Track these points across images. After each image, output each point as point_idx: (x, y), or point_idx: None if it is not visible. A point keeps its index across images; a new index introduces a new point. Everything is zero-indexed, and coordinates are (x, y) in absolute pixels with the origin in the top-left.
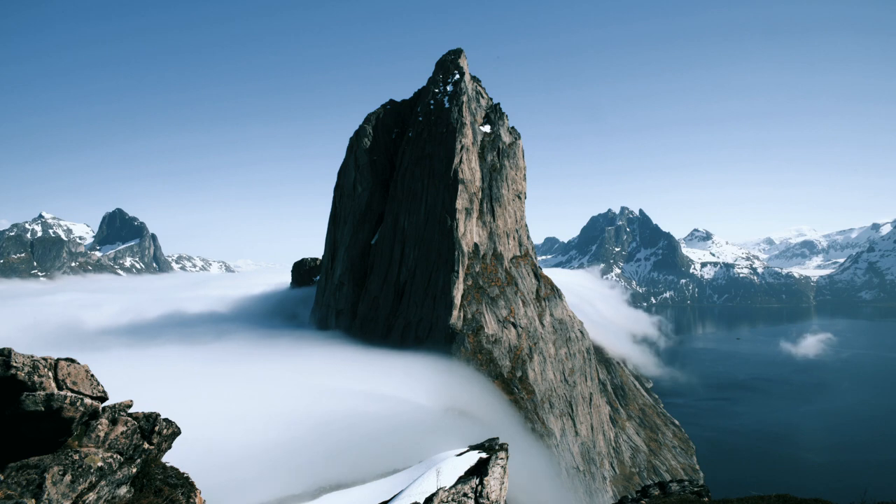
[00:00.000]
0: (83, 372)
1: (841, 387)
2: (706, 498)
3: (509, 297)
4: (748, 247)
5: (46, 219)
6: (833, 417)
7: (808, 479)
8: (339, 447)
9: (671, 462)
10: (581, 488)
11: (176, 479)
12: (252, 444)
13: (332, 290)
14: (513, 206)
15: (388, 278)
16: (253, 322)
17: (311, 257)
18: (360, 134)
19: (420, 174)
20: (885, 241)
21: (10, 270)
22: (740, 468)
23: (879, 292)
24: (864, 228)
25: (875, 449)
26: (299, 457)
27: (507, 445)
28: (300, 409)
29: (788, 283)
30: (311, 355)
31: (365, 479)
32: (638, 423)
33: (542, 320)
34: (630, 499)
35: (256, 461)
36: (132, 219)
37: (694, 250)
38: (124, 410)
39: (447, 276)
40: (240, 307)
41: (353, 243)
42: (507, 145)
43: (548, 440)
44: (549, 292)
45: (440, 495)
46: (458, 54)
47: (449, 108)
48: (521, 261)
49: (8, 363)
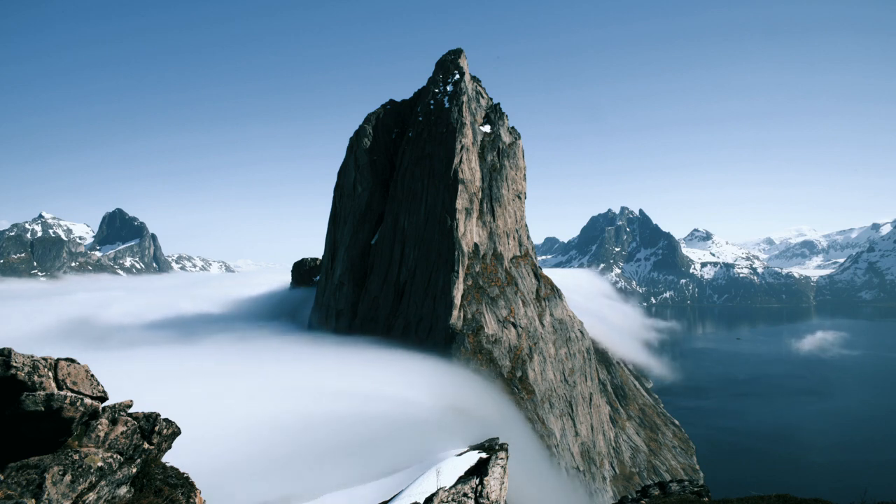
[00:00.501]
0: (83, 372)
1: (841, 387)
2: (706, 498)
3: (509, 297)
4: (748, 247)
5: (46, 219)
6: (833, 417)
7: (808, 479)
8: (340, 447)
9: (671, 462)
10: (581, 488)
11: (176, 479)
12: (252, 444)
13: (332, 290)
14: (513, 206)
15: (388, 278)
16: (253, 322)
17: (311, 257)
18: (360, 134)
19: (420, 174)
20: (885, 241)
21: (10, 270)
22: (740, 468)
23: (879, 292)
24: (864, 228)
25: (875, 449)
26: (300, 457)
27: (506, 445)
28: (300, 409)
29: (788, 283)
30: (310, 355)
31: (365, 479)
32: (638, 423)
33: (542, 320)
34: (630, 499)
35: (257, 461)
36: (132, 219)
37: (694, 250)
38: (124, 410)
39: (447, 276)
40: (240, 307)
41: (353, 243)
42: (507, 145)
43: (548, 440)
44: (549, 292)
45: (440, 495)
46: (458, 54)
47: (449, 108)
48: (521, 261)
49: (8, 363)
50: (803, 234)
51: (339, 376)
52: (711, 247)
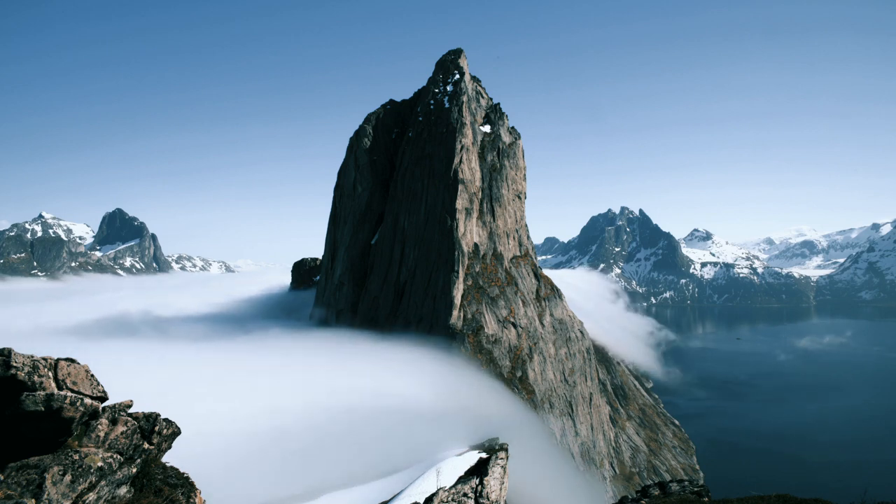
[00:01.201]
0: (83, 372)
1: (841, 387)
2: (706, 498)
3: (509, 297)
4: (748, 247)
5: (46, 219)
6: (833, 417)
7: (808, 479)
8: (340, 447)
9: (671, 462)
10: (581, 488)
11: (176, 479)
12: (252, 443)
13: (332, 290)
14: (513, 206)
15: (388, 278)
16: (252, 322)
17: (311, 257)
18: (360, 134)
19: (420, 174)
20: (885, 241)
21: (10, 270)
22: (740, 468)
23: (879, 292)
24: (864, 228)
25: (875, 449)
26: (300, 457)
27: (507, 445)
28: (301, 410)
29: (788, 283)
30: (310, 355)
31: (365, 479)
32: (638, 423)
33: (542, 320)
34: (630, 499)
35: (257, 461)
36: (132, 219)
37: (694, 250)
38: (124, 410)
39: (447, 276)
40: (240, 307)
41: (353, 243)
42: (507, 145)
43: (548, 440)
44: (549, 292)
45: (440, 495)
46: (458, 54)
47: (449, 108)
48: (521, 261)
49: (8, 363)
50: (803, 234)
51: (340, 376)
52: (711, 247)
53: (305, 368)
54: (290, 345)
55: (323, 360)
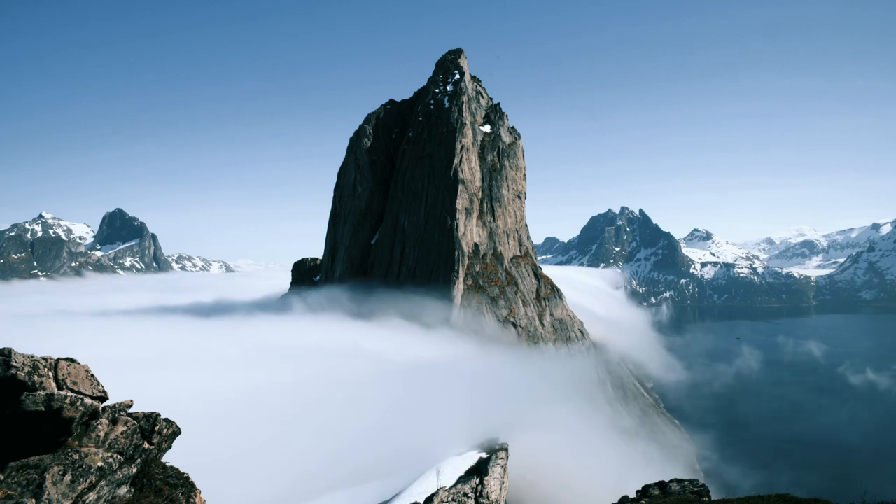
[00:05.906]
0: (83, 372)
1: (841, 387)
2: (706, 498)
3: (509, 297)
4: (748, 247)
5: (46, 219)
6: (833, 417)
7: (808, 479)
8: (340, 447)
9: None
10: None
11: (176, 479)
12: (252, 443)
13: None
14: (513, 206)
15: (388, 278)
16: (252, 322)
17: (311, 257)
18: (360, 134)
19: (420, 174)
20: (885, 241)
21: (10, 270)
22: (740, 468)
23: (879, 292)
24: (864, 228)
25: (875, 449)
26: (300, 457)
27: (507, 445)
28: (301, 410)
29: (788, 283)
30: (310, 355)
31: (365, 480)
32: (638, 423)
33: (543, 320)
34: (630, 499)
35: (257, 461)
36: (132, 219)
37: (694, 250)
38: (124, 410)
39: (447, 275)
40: (239, 307)
41: (353, 243)
42: (507, 145)
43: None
44: (549, 292)
45: (440, 495)
46: (458, 54)
47: (449, 108)
48: (521, 261)
49: (8, 363)
50: (803, 234)
51: (339, 376)
52: (711, 247)
53: (306, 370)
54: (290, 347)
55: (323, 362)
